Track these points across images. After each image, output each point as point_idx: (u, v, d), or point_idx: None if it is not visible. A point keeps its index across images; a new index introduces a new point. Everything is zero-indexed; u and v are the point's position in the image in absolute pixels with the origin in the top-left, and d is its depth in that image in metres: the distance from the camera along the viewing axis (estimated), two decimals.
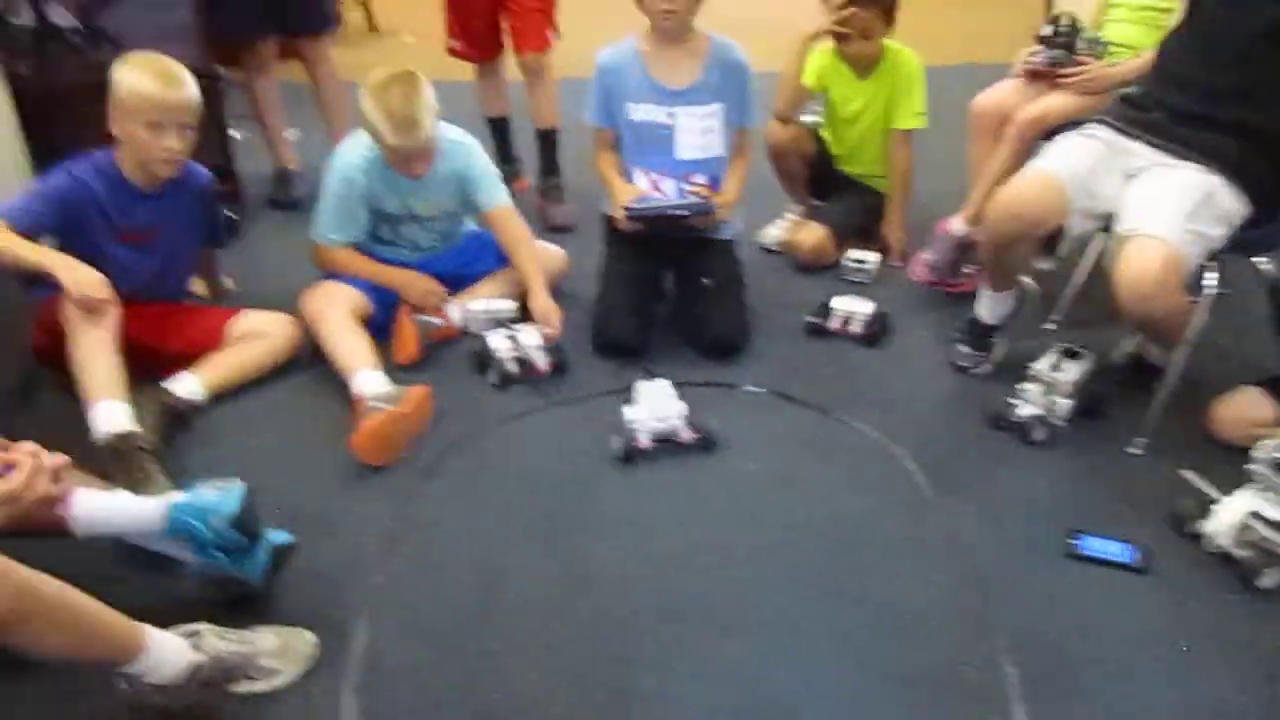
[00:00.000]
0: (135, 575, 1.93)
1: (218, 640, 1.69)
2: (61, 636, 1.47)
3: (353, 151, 2.61)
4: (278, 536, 1.88)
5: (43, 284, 2.23)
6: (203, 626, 1.71)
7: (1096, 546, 2.02)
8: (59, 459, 1.36)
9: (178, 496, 1.83)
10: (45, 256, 2.22)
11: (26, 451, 1.31)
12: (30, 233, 2.25)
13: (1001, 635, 1.83)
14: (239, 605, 1.88)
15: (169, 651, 1.62)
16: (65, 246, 2.35)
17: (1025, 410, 2.34)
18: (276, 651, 1.75)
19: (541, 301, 2.62)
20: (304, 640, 1.79)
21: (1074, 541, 2.03)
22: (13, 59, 2.95)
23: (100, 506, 1.80)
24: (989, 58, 4.12)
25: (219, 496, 1.80)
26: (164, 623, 1.71)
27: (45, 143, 2.89)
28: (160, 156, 2.33)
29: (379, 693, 1.74)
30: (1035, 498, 2.18)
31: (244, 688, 1.71)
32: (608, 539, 2.08)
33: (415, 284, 2.70)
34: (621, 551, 2.05)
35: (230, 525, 1.78)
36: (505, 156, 3.64)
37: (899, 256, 3.09)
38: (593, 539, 2.08)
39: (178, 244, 2.55)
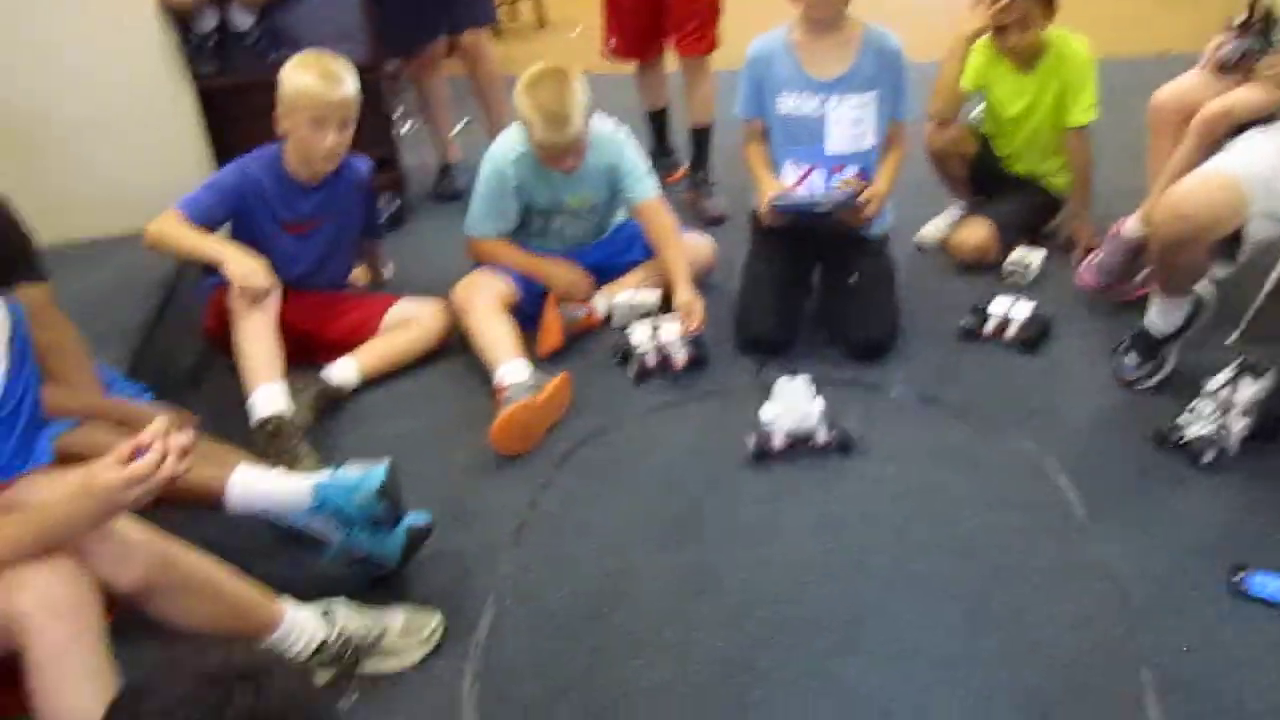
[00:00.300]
0: (280, 552, 2.04)
1: (349, 618, 1.76)
2: (199, 608, 1.55)
3: (506, 146, 2.65)
4: (416, 518, 1.95)
5: (216, 273, 2.37)
6: (337, 601, 1.78)
7: (1265, 585, 1.85)
8: (186, 436, 1.43)
9: (325, 476, 1.91)
10: (214, 247, 2.37)
11: (154, 432, 1.38)
12: (204, 224, 2.40)
13: (1148, 673, 1.71)
14: (375, 584, 1.96)
15: (303, 626, 1.70)
16: (236, 235, 2.51)
17: (1195, 430, 2.17)
18: (404, 631, 1.81)
19: (685, 295, 2.60)
20: (432, 623, 1.84)
21: (1240, 578, 1.86)
22: (197, 60, 3.14)
23: (253, 482, 1.91)
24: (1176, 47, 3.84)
25: (364, 473, 1.89)
26: (302, 598, 1.81)
27: (226, 139, 3.07)
28: (321, 153, 2.44)
29: (498, 680, 1.78)
30: (1199, 527, 2.01)
31: (371, 666, 1.78)
32: (735, 541, 2.05)
33: (564, 275, 2.73)
34: (748, 555, 2.01)
35: (376, 497, 1.86)
36: (663, 148, 3.65)
37: (1084, 254, 2.88)
38: (720, 540, 2.06)
39: (338, 235, 2.66)
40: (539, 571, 2.01)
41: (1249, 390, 2.15)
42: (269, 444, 2.20)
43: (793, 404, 2.28)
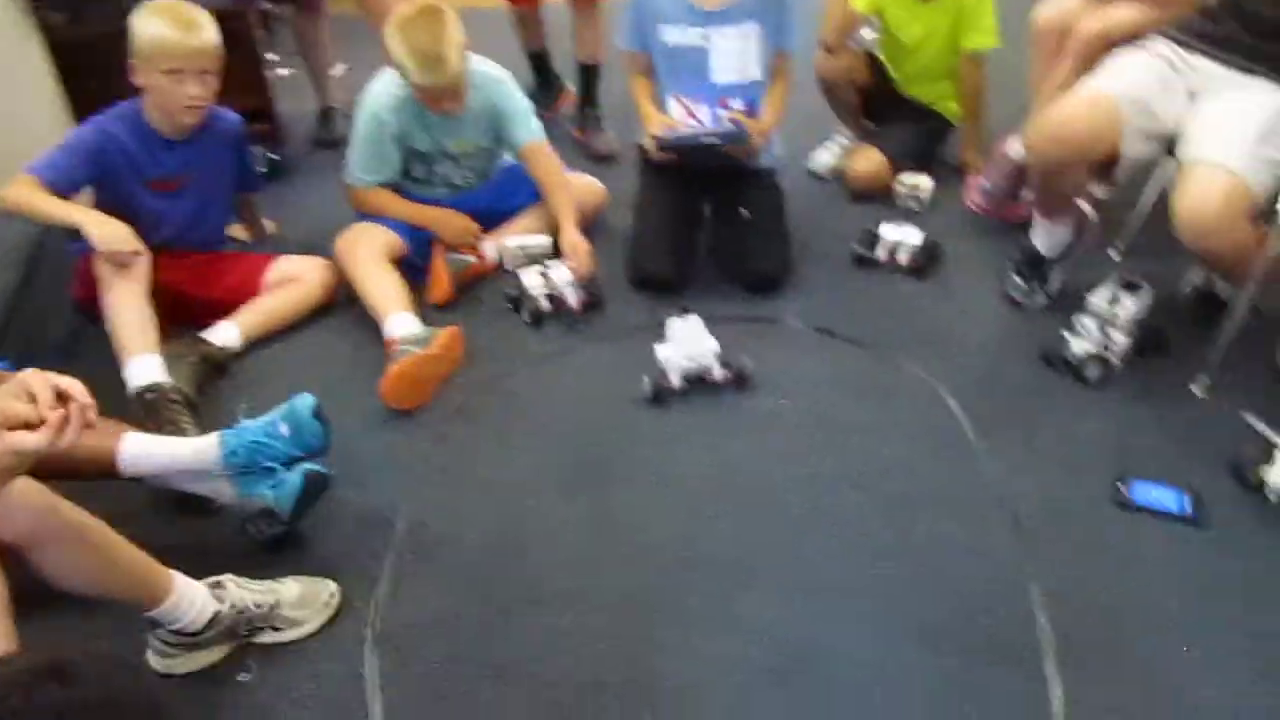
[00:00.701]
0: (168, 522, 1.97)
1: (240, 590, 1.71)
2: (86, 564, 1.48)
3: (382, 90, 2.55)
4: (310, 465, 1.89)
5: (81, 238, 2.24)
6: (225, 577, 1.72)
7: (1148, 495, 1.91)
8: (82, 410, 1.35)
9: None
10: (73, 212, 2.23)
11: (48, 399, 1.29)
12: (62, 188, 2.26)
13: (1039, 589, 1.75)
14: (271, 550, 1.90)
15: (194, 599, 1.64)
16: (100, 197, 2.37)
17: (1080, 347, 2.22)
18: (299, 602, 1.76)
19: (570, 236, 2.56)
20: (327, 590, 1.79)
21: (1123, 489, 1.92)
22: (46, 9, 2.92)
23: (148, 444, 1.86)
24: None
25: (288, 405, 1.90)
26: (193, 571, 1.75)
27: (83, 94, 2.88)
28: (183, 104, 2.31)
29: (401, 641, 1.75)
30: (1086, 442, 2.07)
31: (268, 638, 1.73)
32: (636, 484, 2.04)
33: (450, 222, 2.65)
34: (649, 497, 2.01)
35: (314, 416, 1.89)
36: (545, 79, 3.55)
37: (974, 178, 2.90)
38: (620, 484, 2.05)
39: (210, 191, 2.54)
40: (438, 527, 1.98)
41: (1130, 307, 2.20)
42: (148, 415, 2.11)
43: (687, 343, 2.27)
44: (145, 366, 2.16)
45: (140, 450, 1.84)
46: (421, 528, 1.97)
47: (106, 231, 2.20)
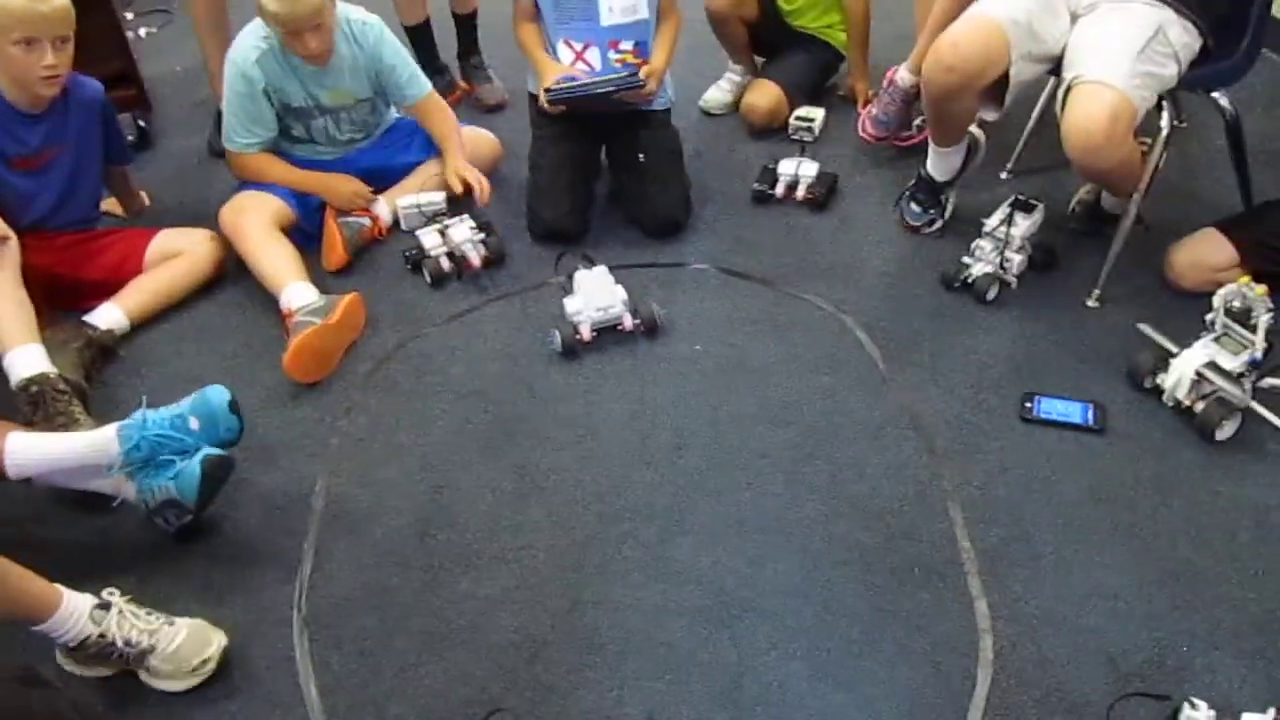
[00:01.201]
0: (72, 520, 1.89)
1: (124, 619, 1.59)
2: None
3: (246, 43, 2.41)
4: (208, 451, 1.81)
5: None
6: (117, 599, 1.61)
7: (1052, 408, 1.98)
8: None
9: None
10: None
11: None
12: None
13: (956, 508, 1.81)
14: (182, 540, 1.84)
15: (74, 619, 1.56)
16: None
17: (977, 269, 2.27)
18: (173, 655, 1.60)
19: (457, 164, 2.53)
20: (211, 645, 1.63)
21: (1029, 404, 1.98)
22: None
23: (34, 443, 1.76)
24: None
25: (195, 398, 1.83)
26: (102, 571, 1.68)
27: None
28: (39, 75, 2.16)
29: (330, 621, 1.71)
30: (990, 361, 2.12)
31: (142, 675, 1.62)
32: (553, 439, 2.03)
33: (339, 187, 2.55)
34: (567, 452, 1.99)
35: (230, 410, 1.84)
36: (433, 66, 3.24)
37: (864, 108, 2.91)
38: (538, 441, 2.03)
39: (77, 165, 2.38)
40: (356, 501, 1.93)
41: (1023, 225, 2.25)
42: (36, 408, 2.00)
43: (594, 294, 2.24)
44: (27, 357, 2.05)
45: (27, 449, 1.74)
46: (340, 502, 1.93)
47: None
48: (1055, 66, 2.11)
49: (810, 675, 1.57)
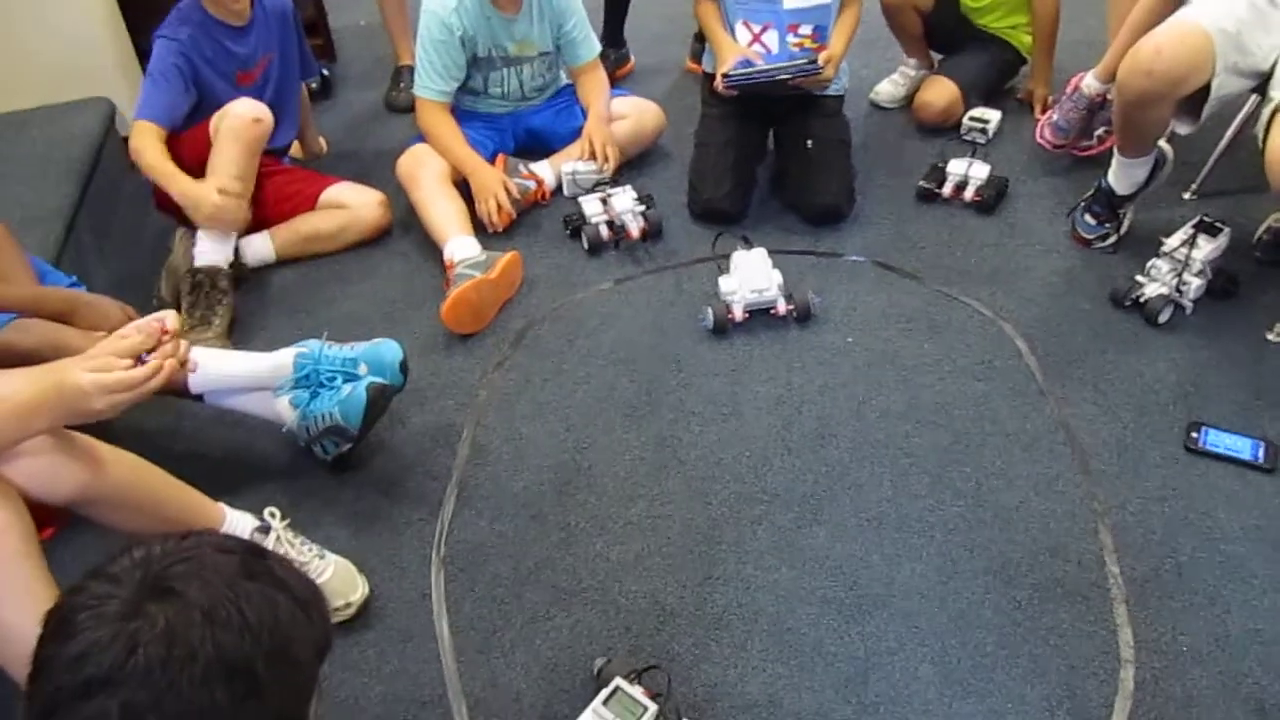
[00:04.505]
0: (228, 442, 2.00)
1: (279, 545, 1.66)
2: (136, 518, 1.49)
3: None
4: (372, 378, 1.88)
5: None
6: (276, 525, 1.67)
7: (1219, 441, 1.88)
8: (183, 346, 1.40)
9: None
10: (175, 184, 2.29)
11: (153, 332, 1.34)
12: (178, 123, 2.35)
13: (1106, 532, 1.74)
14: (334, 470, 1.92)
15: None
16: (198, 108, 2.39)
17: (1152, 289, 2.17)
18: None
19: (593, 125, 2.59)
20: (354, 593, 1.68)
21: (1195, 435, 1.89)
22: None
23: (219, 359, 1.88)
24: None
25: (371, 345, 1.91)
26: (255, 495, 1.76)
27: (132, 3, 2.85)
28: None
29: (465, 565, 1.76)
30: (1156, 386, 2.03)
31: None
32: (697, 415, 2.03)
33: (486, 180, 2.54)
34: (710, 429, 2.00)
35: (401, 371, 1.90)
36: (615, 38, 3.27)
37: (1043, 114, 2.82)
38: (681, 414, 2.04)
39: (284, 75, 2.56)
40: (500, 452, 1.98)
41: (1205, 249, 2.15)
42: (191, 290, 2.24)
43: (750, 275, 2.24)
44: (214, 247, 2.28)
45: (213, 367, 1.84)
46: (484, 452, 1.98)
47: (194, 200, 2.28)
48: (1261, 84, 2.00)
49: (939, 680, 1.54)
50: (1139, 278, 2.21)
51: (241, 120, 2.27)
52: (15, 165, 2.52)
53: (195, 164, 2.31)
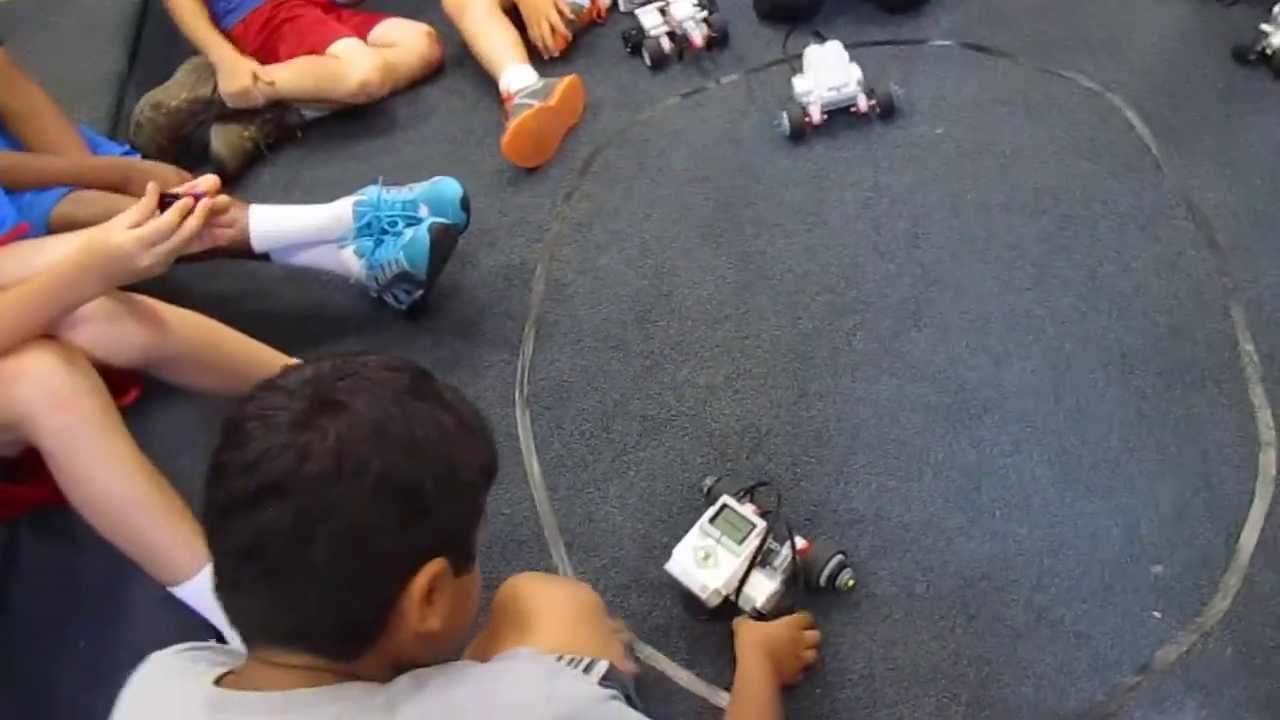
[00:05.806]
0: (302, 298, 1.96)
1: None
2: (205, 376, 1.48)
3: None
4: (433, 219, 1.80)
5: None
6: None
7: None
8: (221, 199, 1.35)
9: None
10: (209, 46, 2.26)
11: (189, 186, 1.32)
12: None
13: (1239, 309, 1.59)
14: (409, 318, 1.87)
15: None
16: None
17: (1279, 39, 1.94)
18: None
19: None
20: None
21: None
22: None
23: (276, 215, 1.81)
24: None
25: (428, 184, 1.83)
26: (332, 345, 1.73)
27: None
28: None
29: (550, 402, 1.71)
30: None
31: None
32: (780, 227, 1.91)
33: (538, 5, 2.35)
34: (795, 242, 1.88)
35: (461, 206, 1.82)
36: None
37: None
38: (763, 228, 1.92)
39: None
40: (576, 286, 1.90)
41: None
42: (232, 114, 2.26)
43: (826, 73, 2.07)
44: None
45: (271, 223, 1.79)
46: (560, 286, 1.91)
47: (229, 73, 2.22)
48: None
49: (1058, 480, 1.45)
50: (1264, 26, 1.97)
51: (340, 68, 2.28)
52: (59, 35, 2.47)
53: (259, 50, 2.31)
